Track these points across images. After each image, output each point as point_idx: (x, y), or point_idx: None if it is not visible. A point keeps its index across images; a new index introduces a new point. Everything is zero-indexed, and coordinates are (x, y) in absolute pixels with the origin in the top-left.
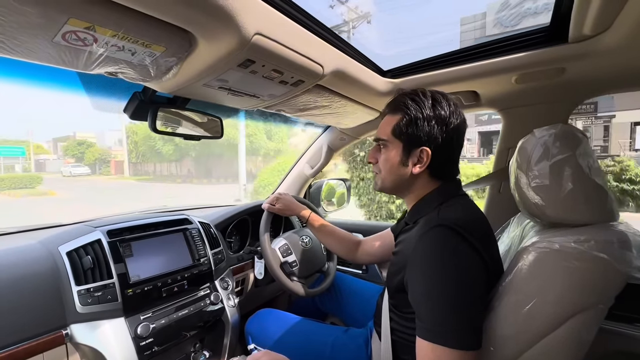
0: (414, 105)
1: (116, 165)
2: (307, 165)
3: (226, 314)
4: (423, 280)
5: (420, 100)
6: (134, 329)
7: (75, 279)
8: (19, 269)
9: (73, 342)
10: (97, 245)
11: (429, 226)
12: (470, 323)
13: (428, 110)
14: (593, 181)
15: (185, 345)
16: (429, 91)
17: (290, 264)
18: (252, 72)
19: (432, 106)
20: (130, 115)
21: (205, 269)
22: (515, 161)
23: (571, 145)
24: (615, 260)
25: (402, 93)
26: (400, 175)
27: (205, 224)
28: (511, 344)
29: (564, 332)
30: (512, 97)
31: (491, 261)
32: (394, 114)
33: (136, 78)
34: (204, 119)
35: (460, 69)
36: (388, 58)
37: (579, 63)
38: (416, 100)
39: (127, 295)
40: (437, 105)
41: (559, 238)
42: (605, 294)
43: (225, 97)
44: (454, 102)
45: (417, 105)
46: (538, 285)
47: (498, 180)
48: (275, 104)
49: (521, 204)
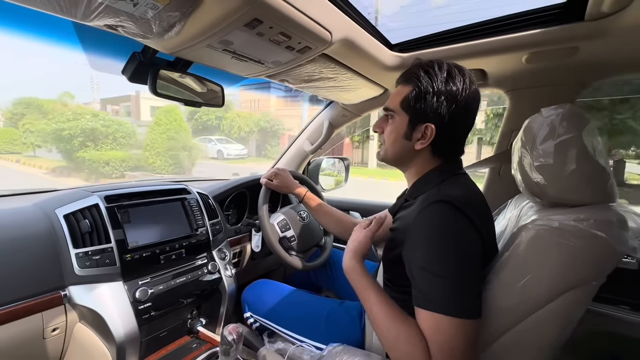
0: (426, 78)
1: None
2: (307, 141)
3: (223, 284)
4: (422, 253)
5: (434, 73)
6: (132, 293)
7: (73, 242)
8: (14, 230)
9: (71, 303)
10: (94, 210)
11: (429, 202)
12: (469, 293)
13: (440, 84)
14: (596, 162)
15: (183, 311)
16: (446, 64)
17: (289, 238)
18: (258, 35)
19: (445, 80)
20: (129, 77)
21: (203, 239)
22: (520, 140)
23: (577, 125)
24: (612, 239)
25: (418, 63)
26: (403, 149)
27: (203, 194)
28: (505, 316)
29: (556, 307)
30: (521, 77)
31: (488, 238)
32: (406, 85)
33: (137, 34)
34: (205, 87)
35: (469, 45)
36: (397, 30)
37: (593, 42)
38: (430, 73)
39: (125, 260)
40: (450, 80)
41: (558, 216)
42: (599, 270)
43: (229, 61)
44: (471, 79)
45: (429, 78)
46: (535, 261)
47: (499, 163)
48: (280, 73)
49: (522, 183)
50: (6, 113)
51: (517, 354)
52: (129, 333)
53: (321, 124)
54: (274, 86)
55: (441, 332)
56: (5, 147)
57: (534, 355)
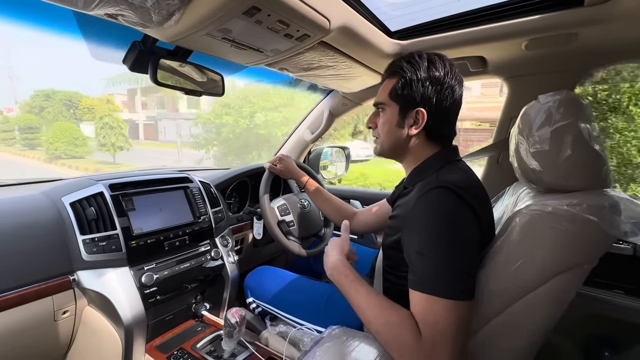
0: (409, 68)
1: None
2: (308, 130)
3: (226, 270)
4: (420, 238)
5: (416, 62)
6: (138, 278)
7: (79, 229)
8: (23, 217)
9: (80, 287)
10: (99, 198)
11: (427, 187)
12: (463, 276)
13: (423, 72)
14: (592, 148)
15: (187, 296)
16: (425, 53)
17: (288, 223)
18: (257, 22)
19: (427, 68)
20: (130, 66)
21: (206, 226)
22: (517, 127)
23: (574, 111)
24: (604, 223)
25: (399, 57)
26: (398, 137)
27: (205, 183)
28: (497, 298)
29: (547, 290)
30: (520, 64)
31: (486, 223)
32: (391, 78)
33: (137, 22)
34: (205, 77)
35: (469, 32)
36: (396, 18)
37: (593, 29)
38: (412, 63)
39: (131, 246)
40: (431, 66)
41: (552, 202)
42: (591, 254)
43: (228, 50)
44: (450, 63)
45: (412, 67)
46: (528, 245)
47: (497, 151)
48: (279, 61)
49: (519, 170)
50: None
51: (509, 336)
52: (136, 316)
53: (321, 113)
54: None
55: (433, 314)
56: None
57: (526, 337)
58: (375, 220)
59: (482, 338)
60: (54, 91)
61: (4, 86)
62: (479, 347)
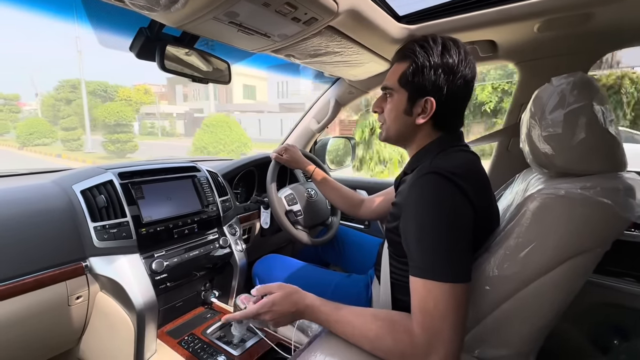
0: (422, 53)
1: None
2: (314, 120)
3: (234, 258)
4: (414, 225)
5: (429, 47)
6: (149, 265)
7: (91, 216)
8: (35, 204)
9: (92, 273)
10: (109, 186)
11: (420, 173)
12: (457, 259)
13: (436, 57)
14: (606, 130)
15: (197, 283)
16: (440, 37)
17: (295, 212)
18: (264, 5)
19: (441, 54)
20: (137, 53)
21: (214, 215)
22: (529, 111)
23: (588, 94)
24: (618, 206)
25: (412, 39)
26: (404, 125)
27: (213, 172)
28: (506, 283)
29: (559, 274)
30: (533, 47)
31: (483, 211)
32: (402, 62)
33: (143, 6)
34: (211, 65)
35: (479, 14)
36: (405, 0)
37: (609, 7)
38: (425, 47)
39: (141, 233)
40: (445, 52)
41: (565, 185)
42: (604, 237)
43: (235, 35)
44: (465, 50)
45: (425, 52)
46: (540, 230)
47: (507, 137)
48: (286, 47)
49: (530, 155)
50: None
51: (518, 321)
52: (148, 301)
53: (327, 102)
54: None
55: (432, 298)
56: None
57: (535, 322)
58: (383, 207)
59: (492, 322)
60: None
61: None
62: (489, 331)
